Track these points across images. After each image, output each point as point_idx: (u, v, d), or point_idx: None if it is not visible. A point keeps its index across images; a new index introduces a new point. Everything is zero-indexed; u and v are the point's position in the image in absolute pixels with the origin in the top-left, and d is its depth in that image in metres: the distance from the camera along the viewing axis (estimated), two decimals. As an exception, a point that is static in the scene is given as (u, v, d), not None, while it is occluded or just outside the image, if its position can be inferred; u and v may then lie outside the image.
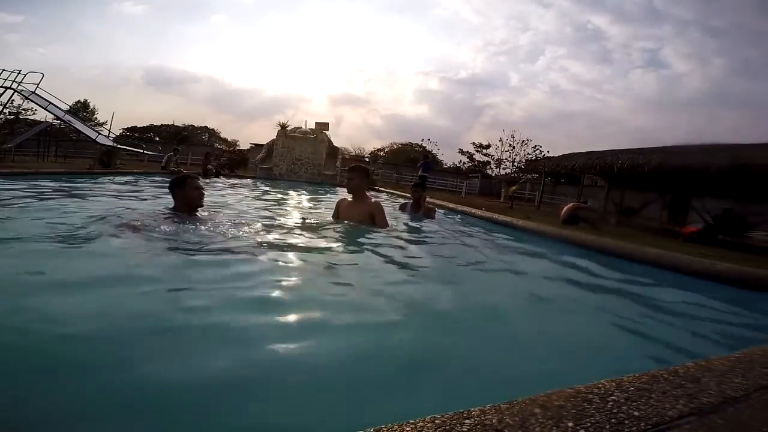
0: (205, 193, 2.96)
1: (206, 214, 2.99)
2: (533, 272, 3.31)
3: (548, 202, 20.13)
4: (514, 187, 17.34)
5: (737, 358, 1.23)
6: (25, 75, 14.56)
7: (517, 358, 1.67)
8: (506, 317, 2.19)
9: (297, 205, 7.54)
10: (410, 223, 4.91)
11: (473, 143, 36.08)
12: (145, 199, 5.46)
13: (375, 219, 3.65)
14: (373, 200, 3.86)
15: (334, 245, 3.04)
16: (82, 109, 32.92)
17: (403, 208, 5.77)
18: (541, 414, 0.78)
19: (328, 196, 9.47)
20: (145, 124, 39.10)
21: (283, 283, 2.08)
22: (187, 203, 2.82)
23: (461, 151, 37.04)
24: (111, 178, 8.83)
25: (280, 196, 8.61)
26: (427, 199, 5.45)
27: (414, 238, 3.95)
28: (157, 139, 33.78)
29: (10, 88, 14.33)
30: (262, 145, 18.00)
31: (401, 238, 3.62)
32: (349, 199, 3.83)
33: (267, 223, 3.68)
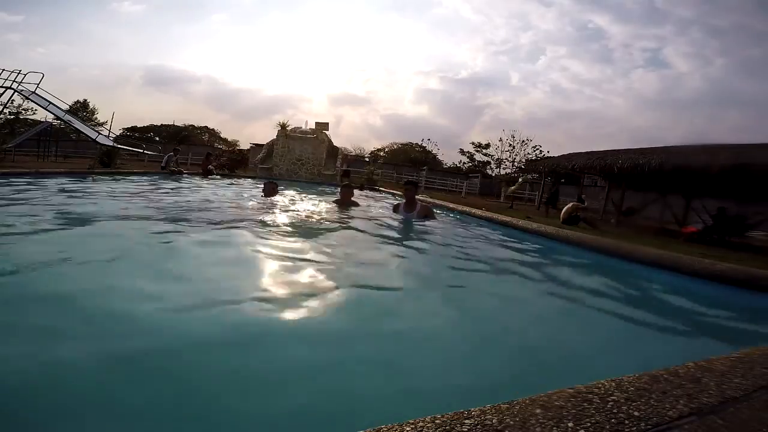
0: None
1: (278, 197, 6.24)
2: (532, 272, 3.31)
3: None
4: (513, 187, 17.29)
5: (737, 358, 1.23)
6: (25, 75, 14.56)
7: (517, 358, 1.67)
8: (506, 317, 2.19)
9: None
10: (409, 224, 4.94)
11: (472, 143, 35.99)
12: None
13: (427, 215, 5.30)
14: (422, 204, 5.53)
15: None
16: (82, 109, 32.88)
17: (395, 209, 5.60)
18: (542, 414, 0.78)
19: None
20: (146, 124, 39.09)
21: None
22: (269, 193, 6.08)
23: (461, 152, 36.95)
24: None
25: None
26: (423, 198, 5.91)
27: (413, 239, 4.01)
28: (157, 139, 33.74)
29: (10, 88, 14.31)
30: (262, 145, 17.98)
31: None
32: (403, 201, 5.48)
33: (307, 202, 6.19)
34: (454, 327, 1.93)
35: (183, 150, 18.49)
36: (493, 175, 32.17)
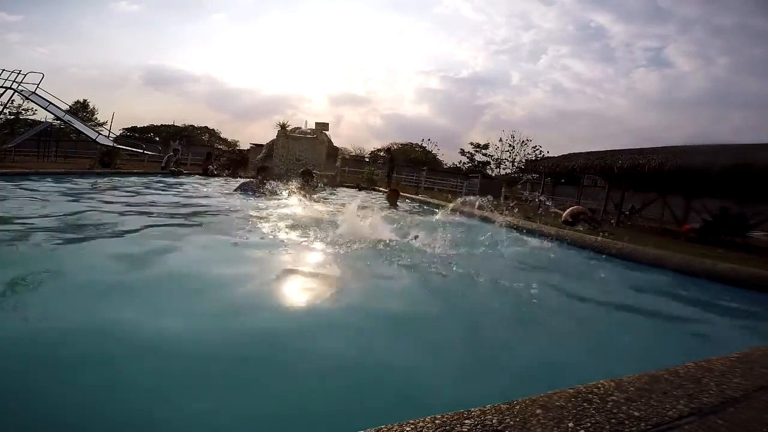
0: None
1: (271, 182, 6.48)
2: (530, 272, 3.30)
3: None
4: (519, 186, 17.28)
5: (737, 358, 1.23)
6: (25, 75, 14.54)
7: (516, 359, 1.67)
8: (503, 317, 2.19)
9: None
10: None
11: (472, 143, 35.96)
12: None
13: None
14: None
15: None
16: (81, 109, 32.84)
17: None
18: (542, 414, 0.78)
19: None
20: (145, 124, 39.09)
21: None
22: (263, 179, 6.62)
23: (462, 152, 36.93)
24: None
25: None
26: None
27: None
28: (157, 139, 33.74)
29: (10, 88, 14.29)
30: (262, 145, 17.97)
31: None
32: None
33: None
34: (448, 327, 1.93)
35: (183, 150, 18.49)
36: (493, 175, 32.17)
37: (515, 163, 31.62)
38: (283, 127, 15.92)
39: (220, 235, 3.41)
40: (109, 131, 18.53)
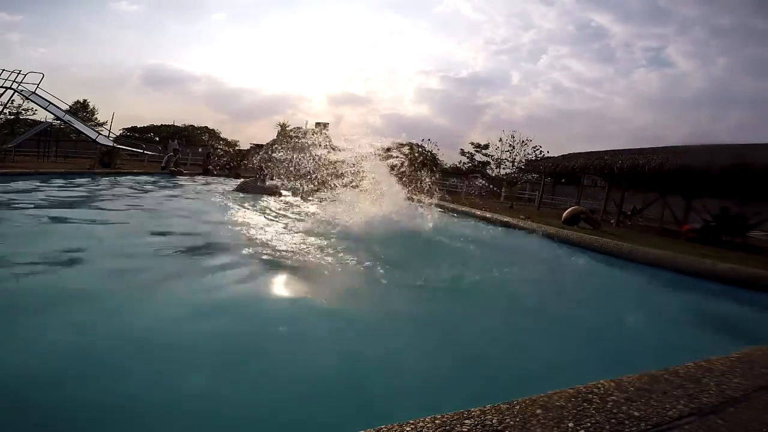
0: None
1: (272, 180, 7.48)
2: (532, 271, 3.30)
3: (548, 202, 20.08)
4: (518, 186, 17.23)
5: (737, 358, 1.23)
6: (25, 75, 14.55)
7: (516, 358, 1.67)
8: (502, 316, 2.19)
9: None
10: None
11: (472, 143, 35.90)
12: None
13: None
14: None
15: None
16: (81, 109, 32.80)
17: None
18: (542, 414, 0.78)
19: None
20: (145, 124, 39.06)
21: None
22: (262, 177, 7.73)
23: (462, 152, 36.90)
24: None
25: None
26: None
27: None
28: (157, 139, 33.72)
29: (10, 88, 14.29)
30: (262, 145, 18.01)
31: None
32: None
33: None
34: (449, 327, 1.93)
35: (183, 150, 18.50)
36: (493, 175, 32.10)
37: (515, 163, 31.53)
38: (283, 127, 15.95)
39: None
40: (109, 131, 18.51)
